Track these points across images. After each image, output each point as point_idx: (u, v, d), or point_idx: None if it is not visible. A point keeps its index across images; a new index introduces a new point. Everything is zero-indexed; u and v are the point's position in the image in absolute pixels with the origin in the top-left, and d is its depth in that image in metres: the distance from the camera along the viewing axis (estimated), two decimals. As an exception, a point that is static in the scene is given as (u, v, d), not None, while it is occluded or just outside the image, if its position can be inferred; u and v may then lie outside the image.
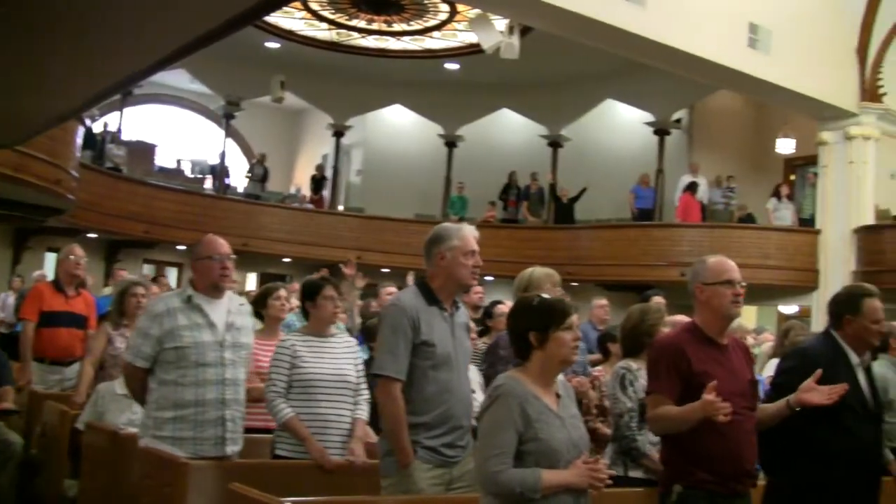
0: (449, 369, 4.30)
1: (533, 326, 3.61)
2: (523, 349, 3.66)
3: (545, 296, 3.80)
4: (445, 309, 4.37)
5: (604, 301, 9.75)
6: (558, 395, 3.68)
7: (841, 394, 4.15)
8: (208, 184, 22.56)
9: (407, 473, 4.17)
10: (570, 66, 19.62)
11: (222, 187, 21.84)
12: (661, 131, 20.54)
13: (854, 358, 4.46)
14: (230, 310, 4.92)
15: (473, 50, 19.14)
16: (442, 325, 4.33)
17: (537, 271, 4.97)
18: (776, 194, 18.21)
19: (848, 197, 16.81)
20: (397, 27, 19.67)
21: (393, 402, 4.21)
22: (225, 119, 22.90)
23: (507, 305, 6.76)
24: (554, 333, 3.59)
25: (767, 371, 6.66)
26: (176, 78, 22.24)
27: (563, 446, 3.51)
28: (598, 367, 6.58)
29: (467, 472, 4.29)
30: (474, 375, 5.55)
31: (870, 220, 16.73)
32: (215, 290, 4.89)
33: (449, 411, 4.27)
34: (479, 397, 5.70)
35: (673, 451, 4.13)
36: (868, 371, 4.54)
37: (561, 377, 3.80)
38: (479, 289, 9.50)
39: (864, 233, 16.54)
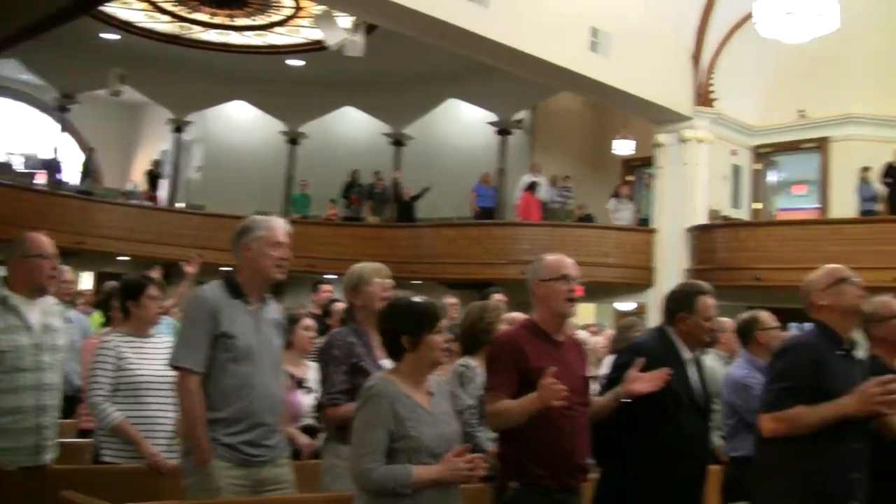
0: (250, 363, 4.13)
1: (405, 330, 3.64)
2: (395, 351, 3.69)
3: (417, 299, 3.79)
4: (250, 303, 4.22)
5: (454, 300, 9.77)
6: (431, 393, 3.71)
7: (665, 379, 4.23)
8: (41, 179, 21.72)
9: (205, 472, 4.01)
10: (415, 65, 19.70)
11: (55, 183, 21.04)
12: (503, 131, 20.83)
13: (686, 353, 4.54)
14: (44, 310, 4.60)
15: (317, 47, 19.04)
16: (245, 319, 4.18)
17: (366, 267, 4.91)
18: (616, 194, 18.65)
19: (682, 197, 17.36)
20: (240, 22, 19.41)
21: (189, 395, 4.05)
22: (59, 112, 22.17)
23: (344, 304, 6.68)
24: (426, 337, 3.63)
25: (604, 368, 6.77)
26: (7, 68, 21.45)
27: (434, 443, 3.56)
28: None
29: (281, 475, 4.21)
30: (313, 374, 5.48)
31: (702, 219, 17.29)
32: (38, 292, 4.57)
33: (249, 407, 4.10)
34: (309, 396, 5.64)
35: (509, 448, 4.15)
36: (699, 366, 4.64)
37: (433, 376, 3.80)
38: (327, 287, 9.42)
39: (696, 232, 17.08)
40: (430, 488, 3.51)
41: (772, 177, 19.64)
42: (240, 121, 24.47)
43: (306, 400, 5.65)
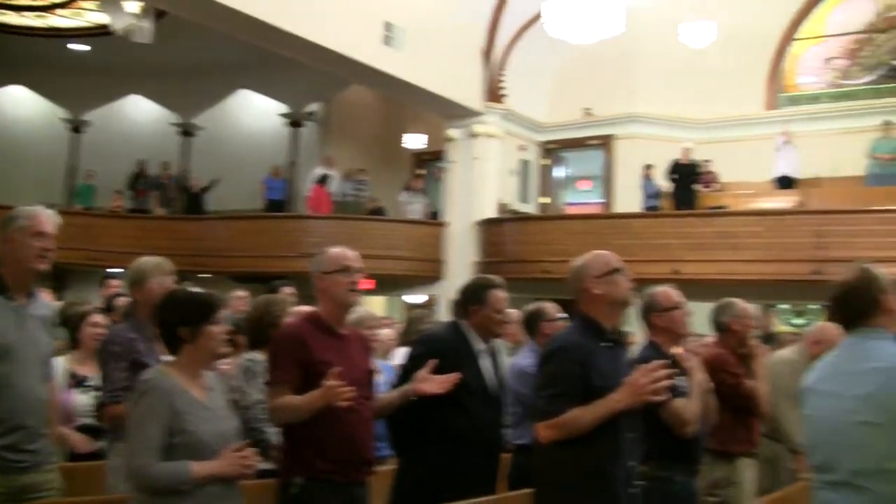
0: (10, 362, 3.85)
1: (183, 321, 3.56)
2: (172, 343, 3.59)
3: (194, 289, 3.72)
4: (13, 298, 3.94)
5: (243, 293, 9.59)
6: (208, 388, 3.63)
7: (454, 382, 4.31)
8: None
9: None
10: (205, 54, 19.28)
11: None
12: (295, 123, 20.64)
13: (478, 345, 4.61)
14: None
15: (103, 31, 18.35)
16: (6, 315, 3.90)
17: (148, 262, 4.76)
18: (407, 188, 18.76)
19: (472, 191, 17.61)
20: (19, 1, 18.50)
21: None
22: None
23: (127, 299, 6.44)
24: (204, 328, 3.56)
25: (395, 359, 6.79)
26: None
27: (212, 438, 3.49)
28: (225, 360, 6.41)
29: (46, 482, 3.98)
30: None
31: (491, 213, 17.58)
32: None
33: (8, 409, 3.83)
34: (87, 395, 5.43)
35: (293, 442, 4.10)
36: (494, 357, 4.71)
37: (211, 371, 3.71)
38: (115, 282, 9.07)
39: (486, 225, 17.36)
40: (209, 485, 3.43)
41: (559, 172, 20.18)
42: (18, 107, 23.34)
43: (82, 399, 5.42)
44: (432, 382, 4.30)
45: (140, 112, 23.01)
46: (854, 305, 3.46)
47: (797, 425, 4.74)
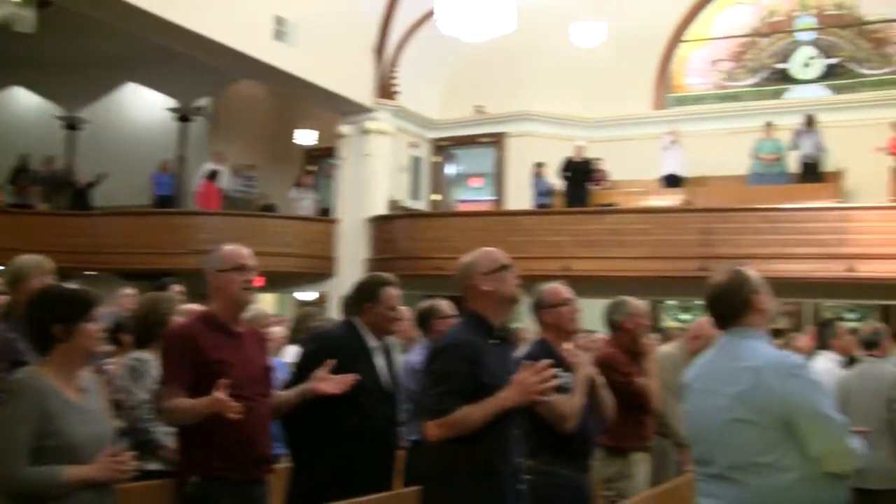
0: None
1: (57, 318, 3.44)
2: (44, 342, 3.47)
3: (68, 286, 3.63)
4: None
5: (130, 291, 9.40)
6: (83, 389, 3.52)
7: (351, 383, 4.30)
8: None
9: None
10: (91, 46, 18.80)
11: None
12: (184, 118, 20.31)
13: (372, 342, 4.61)
14: None
15: (-19, 20, 17.77)
16: None
17: (28, 259, 4.64)
18: (298, 184, 18.62)
19: (363, 188, 17.55)
20: None
21: None
22: None
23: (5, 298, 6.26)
24: (80, 325, 3.45)
25: (286, 356, 6.73)
26: None
27: (85, 441, 3.37)
28: (111, 359, 6.28)
29: None
30: None
31: (382, 210, 17.55)
32: None
33: None
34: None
35: (187, 441, 4.04)
36: (388, 354, 4.71)
37: (85, 372, 3.60)
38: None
39: (377, 222, 17.32)
40: (82, 490, 3.33)
41: (450, 169, 20.24)
42: None
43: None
44: (330, 382, 4.28)
45: (22, 105, 22.42)
46: (727, 306, 3.58)
47: (681, 419, 4.84)
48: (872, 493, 5.94)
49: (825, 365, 7.01)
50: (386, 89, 17.66)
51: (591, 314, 6.05)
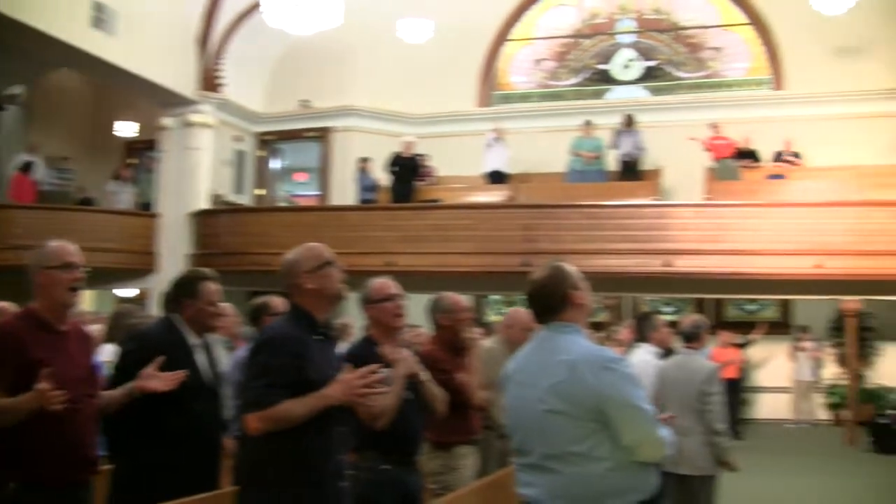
0: None
1: None
2: None
3: None
4: None
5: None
6: None
7: (181, 379, 4.22)
8: None
9: None
10: None
11: None
12: (-4, 106, 19.45)
13: (193, 339, 4.51)
14: None
15: None
16: None
17: None
18: (117, 177, 18.11)
19: (185, 182, 17.18)
20: None
21: None
22: None
23: None
24: None
25: (103, 355, 6.52)
26: None
27: None
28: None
29: None
30: None
31: (205, 204, 17.22)
32: None
33: None
34: None
35: (6, 444, 3.86)
36: (209, 351, 4.61)
37: None
38: None
39: (200, 217, 16.98)
40: None
41: (275, 164, 20.02)
42: None
43: None
44: (158, 379, 4.19)
45: None
46: (547, 300, 3.65)
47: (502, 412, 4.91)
48: (686, 479, 6.17)
49: (643, 356, 7.20)
50: (210, 81, 17.33)
51: (417, 309, 6.06)
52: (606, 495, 3.39)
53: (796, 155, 16.94)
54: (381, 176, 17.22)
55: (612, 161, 17.02)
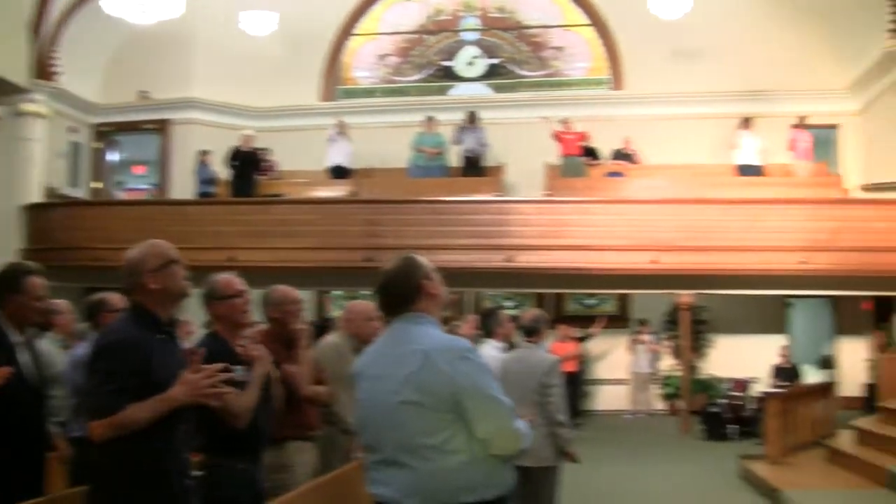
0: None
1: None
2: None
3: None
4: None
5: None
6: None
7: (6, 377, 4.08)
8: None
9: None
10: None
11: None
12: None
13: (15, 337, 4.33)
14: None
15: None
16: None
17: None
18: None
19: (17, 174, 16.49)
20: None
21: None
22: None
23: None
24: None
25: None
26: None
27: None
28: None
29: None
30: None
31: (38, 197, 16.59)
32: None
33: None
34: None
35: None
36: (31, 348, 4.43)
37: None
38: None
39: (32, 211, 16.34)
40: None
41: (112, 156, 19.47)
42: None
43: None
44: None
45: None
46: (399, 292, 3.61)
47: (348, 407, 4.85)
48: (528, 471, 6.24)
49: (489, 352, 7.27)
50: (43, 69, 16.71)
51: (258, 305, 5.97)
52: (461, 490, 3.35)
53: (633, 153, 17.40)
54: (221, 169, 16.92)
55: (454, 157, 17.14)
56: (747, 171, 16.64)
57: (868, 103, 17.38)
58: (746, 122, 16.93)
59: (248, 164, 16.59)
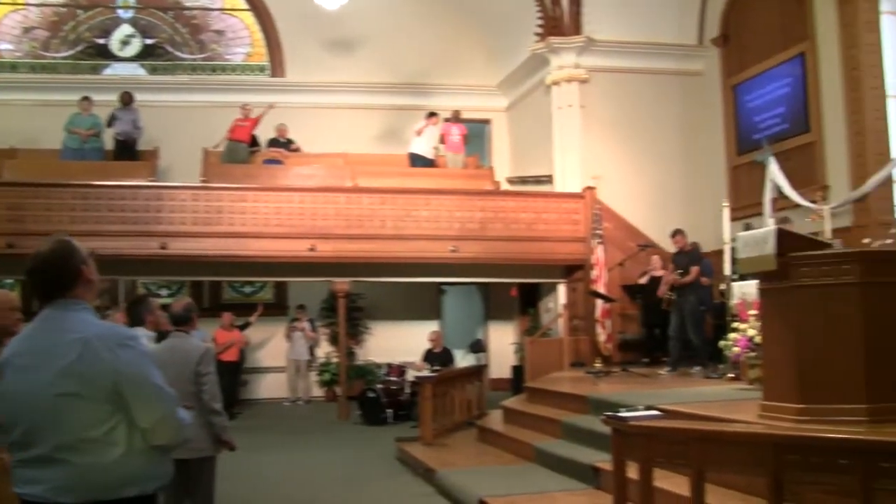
0: None
1: None
2: None
3: None
4: None
5: None
6: None
7: None
8: None
9: None
10: None
11: None
12: None
13: None
14: None
15: None
16: None
17: None
18: None
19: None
20: None
21: None
22: None
23: None
24: None
25: None
26: None
27: None
28: None
29: None
30: None
31: None
32: None
33: None
34: None
35: None
36: None
37: None
38: None
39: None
40: None
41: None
42: None
43: None
44: None
45: None
46: (55, 276, 3.41)
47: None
48: (185, 462, 6.11)
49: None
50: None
51: None
52: (124, 484, 3.22)
53: (291, 141, 17.41)
54: None
55: (108, 140, 16.50)
56: (418, 161, 17.03)
57: (515, 101, 18.35)
58: (432, 116, 17.19)
59: None
